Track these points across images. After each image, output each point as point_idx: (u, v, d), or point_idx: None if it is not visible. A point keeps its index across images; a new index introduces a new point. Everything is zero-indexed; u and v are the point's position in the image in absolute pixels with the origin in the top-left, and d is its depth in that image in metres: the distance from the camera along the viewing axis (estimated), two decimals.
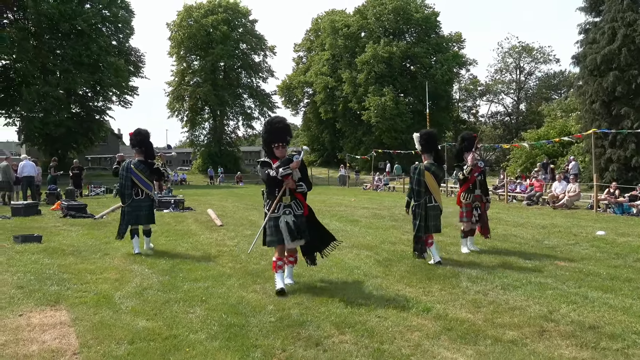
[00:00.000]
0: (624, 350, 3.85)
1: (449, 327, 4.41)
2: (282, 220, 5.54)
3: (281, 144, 5.65)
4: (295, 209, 5.63)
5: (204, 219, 13.31)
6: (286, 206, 5.59)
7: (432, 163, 7.39)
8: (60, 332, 4.25)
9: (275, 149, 5.65)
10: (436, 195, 7.41)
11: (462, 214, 8.32)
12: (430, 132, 7.70)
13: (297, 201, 5.68)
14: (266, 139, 5.75)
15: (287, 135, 5.74)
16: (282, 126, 5.73)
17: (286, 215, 5.56)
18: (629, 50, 19.29)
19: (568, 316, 4.71)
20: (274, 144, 5.65)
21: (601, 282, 6.12)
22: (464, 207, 8.27)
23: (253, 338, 4.11)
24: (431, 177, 7.30)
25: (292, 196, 5.63)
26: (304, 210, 5.73)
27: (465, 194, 8.27)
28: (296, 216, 5.60)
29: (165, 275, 6.39)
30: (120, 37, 42.91)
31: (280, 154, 5.64)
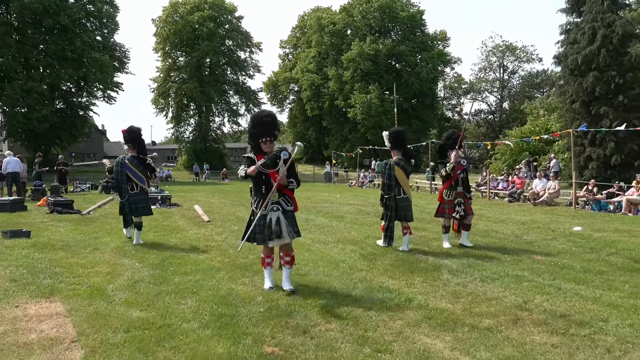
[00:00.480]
0: (591, 335, 4.13)
1: (429, 316, 4.66)
2: (270, 216, 5.37)
3: (269, 139, 5.42)
4: (285, 205, 5.46)
5: (191, 215, 13.44)
6: (274, 203, 5.42)
7: (400, 158, 8.07)
8: (57, 322, 4.41)
9: (263, 144, 5.43)
10: (405, 187, 8.11)
11: (443, 210, 8.42)
12: (398, 131, 8.44)
13: (286, 197, 5.50)
14: (253, 133, 5.50)
15: (275, 129, 5.54)
16: (270, 120, 5.50)
17: (274, 212, 5.40)
18: (608, 51, 19.81)
19: (541, 306, 4.99)
20: (261, 138, 5.42)
21: (575, 274, 6.43)
22: (446, 203, 8.37)
23: (243, 326, 4.31)
24: (401, 171, 7.98)
25: (281, 192, 5.44)
26: (295, 206, 5.57)
27: (447, 190, 8.38)
28: (285, 211, 5.43)
29: (156, 269, 6.55)
30: (104, 32, 42.61)
31: (267, 149, 5.43)
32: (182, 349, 3.78)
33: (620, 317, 4.61)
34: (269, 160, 5.34)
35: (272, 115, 5.62)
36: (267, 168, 5.33)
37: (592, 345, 3.92)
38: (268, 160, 5.34)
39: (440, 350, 3.80)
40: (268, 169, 5.33)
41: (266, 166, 5.33)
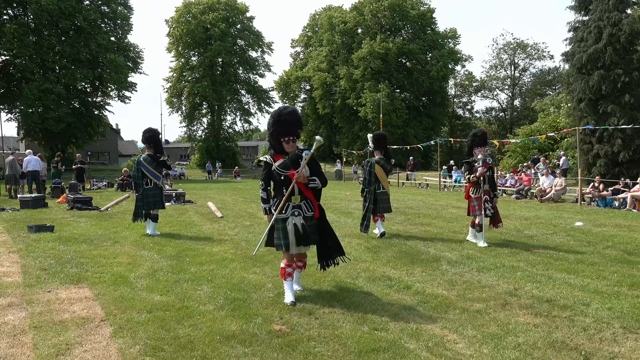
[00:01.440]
0: (571, 317, 4.51)
1: (424, 300, 5.07)
2: (289, 222, 4.99)
3: (291, 138, 4.99)
4: (305, 210, 5.05)
5: (204, 211, 13.94)
6: (295, 207, 5.02)
7: (381, 158, 9.28)
8: (87, 305, 4.89)
9: (285, 143, 5.01)
10: (384, 183, 9.29)
11: (473, 208, 8.43)
12: (380, 134, 9.63)
13: (308, 201, 5.08)
14: (274, 132, 5.04)
15: (299, 127, 5.06)
16: (294, 117, 5.04)
17: (295, 217, 4.99)
18: (614, 50, 19.95)
19: (530, 292, 5.37)
20: (283, 137, 4.99)
21: (567, 265, 6.79)
22: (474, 201, 8.40)
23: (254, 309, 4.75)
24: (380, 169, 9.20)
25: (303, 195, 5.05)
26: (315, 211, 5.12)
27: (473, 188, 8.42)
28: (306, 218, 5.03)
29: (173, 260, 7.02)
30: (119, 33, 43.37)
31: (290, 149, 5.02)
32: (199, 326, 4.23)
33: (602, 301, 4.98)
34: (289, 160, 5.00)
35: (296, 112, 5.17)
36: (286, 169, 4.97)
37: (570, 325, 4.31)
38: (287, 160, 5.00)
39: (431, 329, 4.21)
40: (287, 170, 4.96)
41: (285, 167, 4.98)
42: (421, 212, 13.56)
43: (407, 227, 10.62)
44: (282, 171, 4.99)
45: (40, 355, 3.61)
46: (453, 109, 57.65)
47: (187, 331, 4.11)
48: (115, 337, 3.99)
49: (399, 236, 9.35)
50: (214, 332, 4.08)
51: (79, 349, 3.75)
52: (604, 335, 4.06)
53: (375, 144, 9.40)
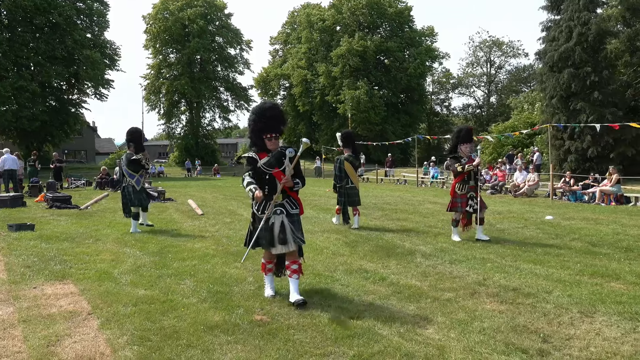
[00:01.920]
0: (534, 304, 4.83)
1: (398, 291, 5.34)
2: (274, 220, 4.90)
3: (274, 135, 4.88)
4: (290, 208, 4.99)
5: (185, 208, 14.05)
6: (278, 205, 4.93)
7: (350, 155, 9.94)
8: (73, 299, 5.05)
9: (267, 140, 4.88)
10: (353, 179, 9.91)
11: (456, 204, 8.50)
12: (348, 132, 10.45)
13: (291, 199, 5.02)
14: (255, 128, 4.91)
15: (282, 124, 4.96)
16: (276, 113, 4.92)
17: (277, 215, 4.91)
18: (583, 49, 20.60)
19: (498, 282, 5.69)
20: (265, 134, 4.86)
21: (535, 256, 7.14)
22: (458, 197, 8.45)
23: (236, 301, 4.97)
24: (349, 166, 9.85)
25: (285, 193, 4.97)
26: (300, 208, 5.09)
27: (459, 184, 8.46)
28: (290, 215, 4.96)
29: (156, 256, 7.18)
30: (95, 29, 42.85)
31: (272, 146, 4.91)
32: (184, 318, 4.43)
33: (563, 289, 5.32)
34: (273, 158, 4.90)
35: (278, 108, 5.05)
36: (271, 167, 4.88)
37: (533, 311, 4.62)
38: (272, 159, 4.90)
39: (403, 317, 4.48)
40: (272, 168, 4.88)
41: (270, 165, 4.89)
42: (398, 208, 13.89)
43: (384, 222, 10.91)
44: (267, 169, 4.88)
45: (32, 346, 3.78)
46: (431, 105, 58.34)
47: (172, 322, 4.31)
48: (103, 328, 4.17)
49: (376, 231, 9.64)
50: (197, 322, 4.29)
51: (69, 340, 3.92)
52: (562, 319, 4.39)
53: (343, 142, 10.05)
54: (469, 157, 8.40)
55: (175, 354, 3.62)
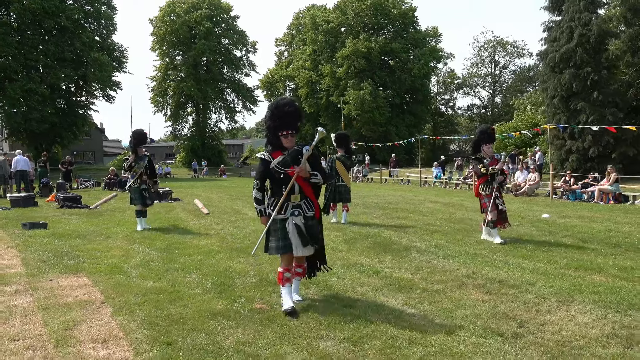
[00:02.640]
0: (516, 294, 5.16)
1: (390, 283, 5.68)
2: (290, 222, 4.69)
3: (290, 132, 4.68)
4: (306, 210, 4.77)
5: (191, 208, 14.44)
6: (295, 206, 4.73)
7: (343, 154, 10.65)
8: (87, 290, 5.43)
9: (283, 138, 4.69)
10: (344, 177, 10.63)
11: (485, 205, 8.49)
12: (341, 134, 11.20)
13: (308, 200, 4.80)
14: (272, 126, 4.72)
15: (298, 121, 4.76)
16: (293, 110, 4.70)
17: (295, 216, 4.70)
18: (585, 49, 20.82)
19: (486, 275, 6.01)
20: (281, 131, 4.67)
21: (525, 252, 7.46)
22: (484, 198, 8.45)
23: (239, 292, 5.33)
24: (341, 165, 10.54)
25: (303, 194, 4.76)
26: (316, 211, 4.85)
27: (483, 185, 8.46)
28: (307, 218, 4.74)
29: (163, 252, 7.56)
30: (103, 32, 43.41)
31: (288, 144, 4.71)
32: (189, 306, 4.79)
33: (546, 281, 5.64)
34: (289, 156, 4.70)
35: (295, 105, 4.79)
36: (287, 166, 4.67)
37: (514, 300, 4.95)
38: (288, 157, 4.69)
39: (393, 305, 4.82)
40: (288, 168, 4.66)
41: (285, 164, 4.68)
42: (399, 207, 14.21)
43: (384, 221, 11.25)
44: (281, 169, 4.67)
45: (51, 330, 4.15)
46: (436, 106, 58.54)
47: (178, 310, 4.68)
48: (116, 315, 4.54)
49: (376, 228, 9.97)
50: (202, 310, 4.65)
51: (85, 325, 4.29)
52: (541, 307, 4.71)
53: (337, 142, 10.75)
54: (492, 157, 8.46)
55: (182, 337, 3.98)
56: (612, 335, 3.96)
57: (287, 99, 4.96)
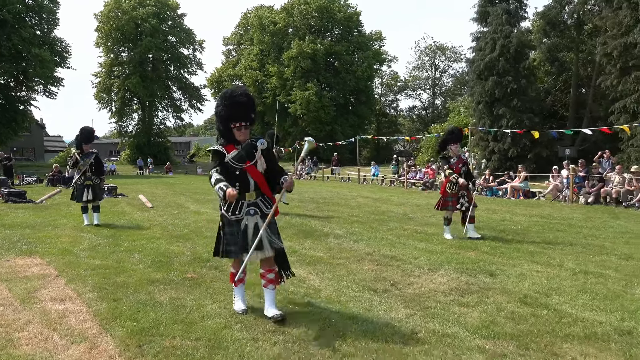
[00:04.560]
0: (400, 265, 6.46)
1: (303, 259, 6.88)
2: (243, 223, 4.37)
3: (244, 124, 4.35)
4: (264, 208, 4.42)
5: (135, 203, 15.19)
6: (250, 204, 4.39)
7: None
8: (42, 267, 6.33)
9: (237, 130, 4.35)
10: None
11: (446, 203, 8.70)
12: (271, 132, 12.69)
13: (265, 197, 4.46)
14: (223, 116, 4.36)
15: (252, 112, 4.42)
16: (245, 100, 4.35)
17: (251, 216, 4.38)
18: (506, 59, 22.88)
19: (383, 253, 7.31)
20: (234, 122, 4.33)
21: (424, 237, 8.84)
22: (449, 196, 8.66)
23: (174, 266, 6.38)
24: None
25: (259, 191, 4.42)
26: (275, 210, 4.47)
27: (450, 184, 8.64)
28: (265, 216, 4.38)
29: (109, 239, 8.47)
30: (44, 27, 42.64)
31: (242, 137, 4.38)
32: (132, 276, 5.81)
33: (429, 256, 6.98)
34: (244, 151, 4.37)
35: (248, 95, 4.43)
36: (242, 161, 4.34)
37: (396, 269, 6.25)
38: (242, 152, 4.37)
39: (299, 274, 6.00)
40: (242, 163, 4.34)
41: (240, 159, 4.35)
42: (332, 201, 15.50)
43: (314, 213, 12.47)
44: (237, 164, 4.33)
45: (16, 294, 5.09)
46: (380, 107, 60.63)
47: (123, 279, 5.69)
48: (69, 284, 5.51)
49: (305, 219, 11.17)
50: (143, 279, 5.69)
51: (44, 290, 5.25)
52: (414, 273, 6.03)
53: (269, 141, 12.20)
54: (459, 157, 8.74)
55: (125, 296, 5.02)
56: (455, 289, 5.31)
57: (240, 87, 4.60)
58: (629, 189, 14.05)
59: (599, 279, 5.73)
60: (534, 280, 5.63)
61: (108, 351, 3.65)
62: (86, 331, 4.05)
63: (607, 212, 12.76)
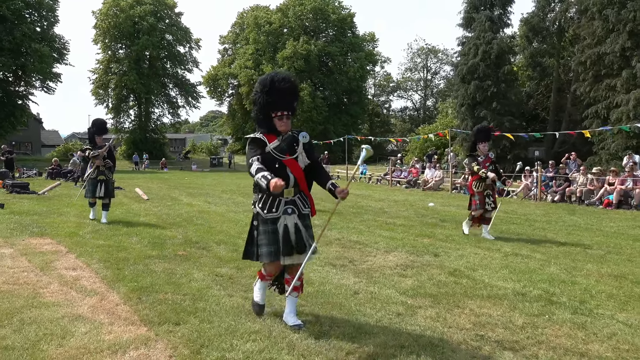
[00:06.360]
0: (361, 248, 7.53)
1: None
2: (281, 223, 3.97)
3: (286, 113, 3.96)
4: (302, 207, 4.08)
5: (132, 195, 16.20)
6: (288, 202, 4.02)
7: None
8: (54, 246, 7.37)
9: (278, 120, 3.96)
10: None
11: (475, 202, 8.68)
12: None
13: (303, 195, 4.11)
14: (263, 104, 3.95)
15: (296, 100, 4.04)
16: (289, 86, 3.96)
17: (288, 215, 4.00)
18: (487, 65, 24.02)
19: (351, 239, 8.37)
20: (276, 111, 3.94)
21: (392, 226, 9.92)
22: (476, 195, 8.64)
23: (167, 246, 7.43)
24: None
25: (297, 188, 4.05)
26: (312, 208, 4.21)
27: (476, 182, 8.64)
28: (302, 216, 4.05)
29: (109, 225, 9.49)
30: (44, 24, 43.50)
31: (283, 128, 3.99)
32: (131, 253, 6.86)
33: (388, 242, 8.06)
34: (284, 143, 3.99)
35: (292, 81, 4.01)
36: (282, 153, 3.96)
37: (358, 251, 7.33)
38: (282, 144, 3.99)
39: None
40: (283, 155, 3.96)
41: (281, 151, 3.97)
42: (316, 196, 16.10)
43: None
44: (279, 155, 3.95)
45: (35, 264, 6.13)
46: (373, 107, 61.77)
47: (123, 255, 6.74)
48: (79, 257, 6.56)
49: None
50: (140, 255, 6.74)
51: (58, 262, 6.29)
52: (371, 254, 7.11)
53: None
54: (487, 156, 8.65)
55: (126, 266, 6.07)
56: (400, 265, 6.39)
57: (284, 72, 4.09)
58: (591, 188, 15.19)
59: (524, 259, 6.83)
60: (468, 260, 6.73)
61: (115, 301, 4.70)
62: (96, 289, 5.10)
63: (567, 209, 13.89)
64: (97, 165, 9.80)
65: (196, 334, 3.86)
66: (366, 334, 3.94)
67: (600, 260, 6.84)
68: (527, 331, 4.04)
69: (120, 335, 3.83)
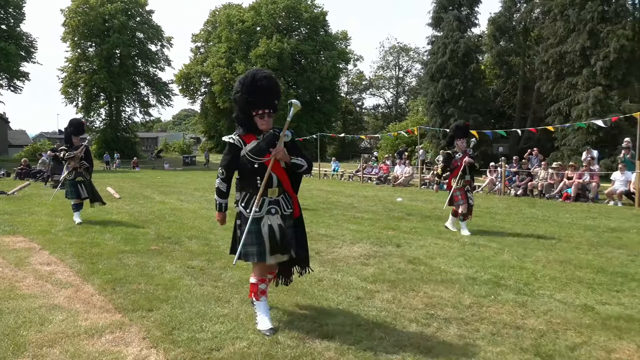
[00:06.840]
0: (329, 241, 7.88)
1: None
2: (265, 223, 3.91)
3: (267, 111, 3.87)
4: (284, 207, 4.02)
5: (104, 194, 16.11)
6: (272, 202, 3.97)
7: None
8: (27, 243, 7.51)
9: (259, 118, 3.88)
10: None
11: (457, 198, 8.67)
12: None
13: (287, 195, 4.06)
14: (243, 103, 3.86)
15: (277, 97, 3.93)
16: (270, 84, 3.86)
17: (271, 215, 3.94)
18: (454, 63, 24.64)
19: (320, 232, 8.69)
20: (256, 109, 3.85)
21: (359, 220, 10.29)
22: (457, 191, 8.66)
23: (140, 242, 7.64)
24: None
25: (281, 188, 4.00)
26: (295, 209, 4.14)
27: (455, 179, 8.69)
28: (284, 217, 4.00)
29: (82, 223, 9.62)
30: (10, 21, 42.66)
31: (265, 127, 3.91)
32: (104, 248, 7.06)
33: (355, 235, 8.42)
34: (264, 142, 3.91)
35: (272, 78, 3.91)
36: (261, 154, 3.88)
37: (325, 243, 7.66)
38: (262, 143, 3.91)
39: None
40: (263, 156, 3.88)
41: (259, 151, 3.90)
42: None
43: None
44: (255, 158, 3.89)
45: (10, 260, 6.29)
46: (346, 105, 62.27)
47: (97, 250, 6.94)
48: (53, 253, 6.73)
49: None
50: (114, 250, 6.95)
51: (32, 258, 6.46)
52: (338, 245, 7.46)
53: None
54: (464, 152, 8.60)
55: (100, 261, 6.28)
56: (364, 255, 6.75)
57: (265, 70, 3.96)
58: (551, 182, 15.86)
59: (480, 248, 7.27)
60: (428, 249, 7.14)
61: (90, 292, 4.94)
62: (71, 281, 5.32)
63: (528, 203, 14.50)
64: (74, 167, 9.57)
65: (168, 318, 4.14)
66: (327, 315, 4.28)
67: (550, 248, 7.33)
68: (473, 309, 4.44)
69: (96, 322, 4.08)
